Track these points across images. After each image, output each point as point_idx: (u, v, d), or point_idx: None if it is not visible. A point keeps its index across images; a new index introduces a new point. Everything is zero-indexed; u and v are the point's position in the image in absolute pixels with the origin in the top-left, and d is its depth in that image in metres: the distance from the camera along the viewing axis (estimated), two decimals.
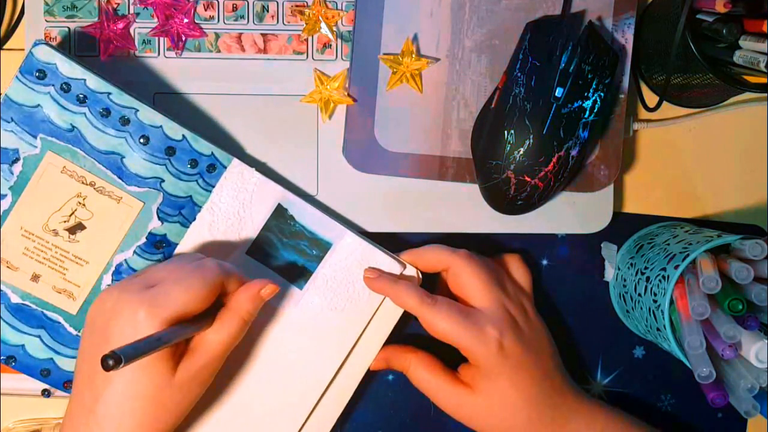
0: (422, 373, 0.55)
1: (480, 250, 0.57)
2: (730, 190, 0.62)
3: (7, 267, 0.54)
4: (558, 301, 0.61)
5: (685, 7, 0.52)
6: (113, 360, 0.41)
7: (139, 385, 0.47)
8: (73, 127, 0.53)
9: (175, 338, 0.47)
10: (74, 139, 0.53)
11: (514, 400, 0.53)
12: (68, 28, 0.57)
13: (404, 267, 0.56)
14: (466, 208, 0.58)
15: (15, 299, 0.54)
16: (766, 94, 0.60)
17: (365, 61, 0.57)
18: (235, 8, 0.57)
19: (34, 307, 0.54)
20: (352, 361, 0.57)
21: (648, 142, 0.62)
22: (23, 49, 0.57)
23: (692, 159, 0.62)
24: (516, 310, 0.55)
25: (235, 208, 0.55)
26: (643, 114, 0.61)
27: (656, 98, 0.58)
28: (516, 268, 0.58)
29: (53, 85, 0.52)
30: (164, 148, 0.54)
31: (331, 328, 0.56)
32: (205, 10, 0.57)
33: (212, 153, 0.55)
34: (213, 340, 0.49)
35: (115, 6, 0.57)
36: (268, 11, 0.58)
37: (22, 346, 0.54)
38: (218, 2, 0.57)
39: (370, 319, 0.56)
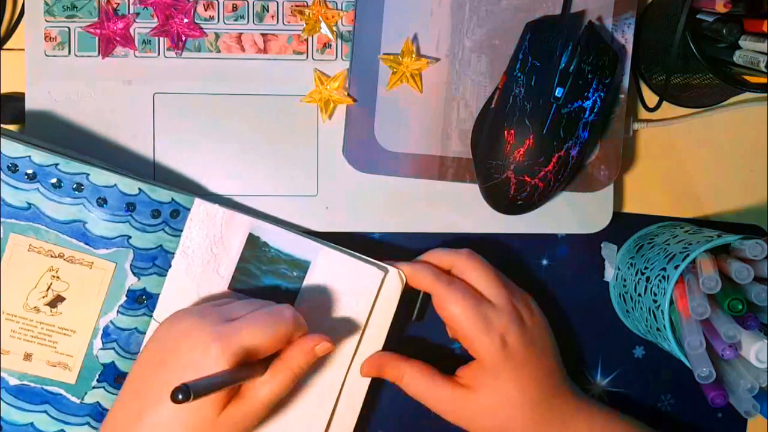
0: (418, 380, 0.54)
1: (480, 250, 0.57)
2: (730, 190, 0.62)
3: None
4: (558, 301, 0.61)
5: (685, 7, 0.52)
6: (183, 395, 0.41)
7: (185, 417, 0.47)
8: (30, 204, 0.52)
9: (238, 380, 0.47)
10: (33, 215, 0.53)
11: (516, 398, 0.53)
12: (68, 28, 0.57)
13: (386, 272, 0.55)
14: (466, 208, 0.58)
15: (13, 381, 0.54)
16: (766, 94, 0.60)
17: (365, 61, 0.57)
18: (235, 8, 0.57)
19: (33, 385, 0.54)
20: (353, 375, 0.56)
21: (648, 142, 0.61)
22: (23, 49, 0.57)
23: (692, 159, 0.62)
24: (522, 307, 0.55)
25: (208, 246, 0.54)
26: (643, 114, 0.61)
27: (656, 98, 0.58)
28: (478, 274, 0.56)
29: None
30: (123, 205, 0.53)
31: None
32: (205, 10, 0.57)
33: (172, 199, 0.54)
34: (263, 389, 0.48)
35: (115, 6, 0.57)
36: (268, 11, 0.58)
37: (31, 423, 0.54)
38: (218, 2, 0.57)
39: (363, 331, 0.55)
